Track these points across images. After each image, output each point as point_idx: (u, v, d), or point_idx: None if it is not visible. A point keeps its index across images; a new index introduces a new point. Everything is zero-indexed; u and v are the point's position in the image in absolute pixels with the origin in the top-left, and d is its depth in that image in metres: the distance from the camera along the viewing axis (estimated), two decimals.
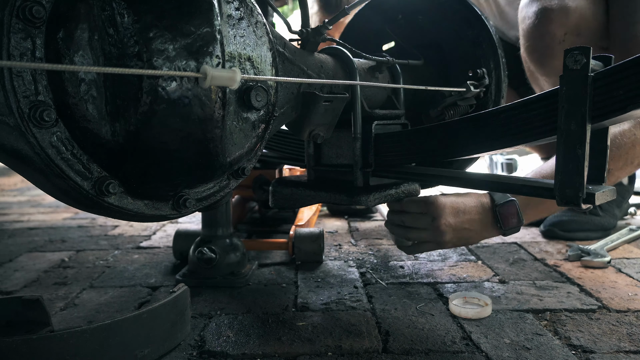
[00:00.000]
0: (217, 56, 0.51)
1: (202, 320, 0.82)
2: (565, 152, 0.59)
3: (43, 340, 0.60)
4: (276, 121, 0.67)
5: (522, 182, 0.68)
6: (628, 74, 0.55)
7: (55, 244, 1.37)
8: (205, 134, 0.52)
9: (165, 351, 0.71)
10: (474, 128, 0.70)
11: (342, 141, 0.86)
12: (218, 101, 0.52)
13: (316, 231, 1.15)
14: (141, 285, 1.01)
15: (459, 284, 0.98)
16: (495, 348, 0.71)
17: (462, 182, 0.76)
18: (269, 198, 0.92)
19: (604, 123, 0.59)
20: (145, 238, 1.41)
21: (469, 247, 1.24)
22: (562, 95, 0.58)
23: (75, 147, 0.47)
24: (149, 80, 0.46)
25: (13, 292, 0.97)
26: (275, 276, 1.04)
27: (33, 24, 0.43)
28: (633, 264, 1.08)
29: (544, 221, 1.36)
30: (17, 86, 0.43)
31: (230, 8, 0.54)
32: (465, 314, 0.81)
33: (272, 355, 0.70)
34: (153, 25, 0.46)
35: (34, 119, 0.44)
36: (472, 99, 0.92)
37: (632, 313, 0.82)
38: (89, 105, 0.46)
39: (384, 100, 0.90)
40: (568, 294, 0.91)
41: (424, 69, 0.98)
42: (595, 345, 0.71)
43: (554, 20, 1.07)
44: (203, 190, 0.59)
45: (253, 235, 1.42)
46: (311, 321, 0.81)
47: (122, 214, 0.53)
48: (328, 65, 0.78)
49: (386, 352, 0.70)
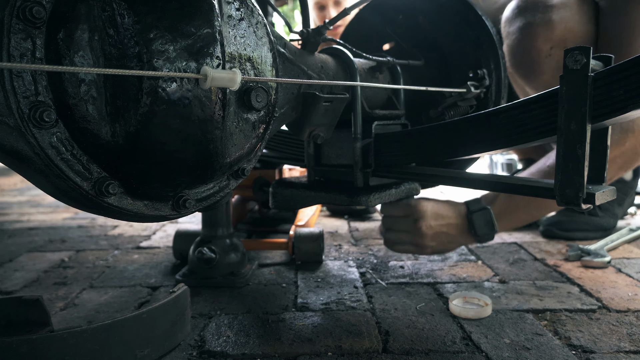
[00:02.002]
0: (217, 57, 0.51)
1: (202, 320, 0.82)
2: (565, 152, 0.59)
3: (43, 340, 0.60)
4: (276, 121, 0.67)
5: (522, 182, 0.68)
6: (628, 74, 0.55)
7: (55, 244, 1.37)
8: (205, 135, 0.52)
9: (165, 351, 0.71)
10: (473, 128, 0.70)
11: (342, 141, 0.86)
12: (218, 102, 0.52)
13: (316, 231, 1.15)
14: (141, 285, 1.01)
15: (459, 284, 0.98)
16: (495, 348, 0.71)
17: (462, 182, 0.76)
18: (270, 199, 0.92)
19: (604, 123, 0.59)
20: (145, 238, 1.41)
21: (469, 247, 1.24)
22: (562, 95, 0.58)
23: (75, 148, 0.47)
24: (149, 81, 0.46)
25: (13, 292, 0.97)
26: (275, 276, 1.04)
27: (33, 25, 0.43)
28: (633, 264, 1.08)
29: (542, 221, 1.36)
30: (17, 86, 0.43)
31: (231, 9, 0.54)
32: (465, 314, 0.81)
33: (272, 355, 0.70)
34: (153, 26, 0.46)
35: (34, 120, 0.44)
36: (472, 99, 0.92)
37: (632, 313, 0.82)
38: (89, 105, 0.46)
39: (384, 101, 0.90)
40: (568, 294, 0.91)
41: (424, 70, 0.98)
42: (595, 345, 0.71)
43: (539, 35, 1.06)
44: (203, 191, 0.59)
45: (253, 235, 1.42)
46: (311, 321, 0.81)
47: (121, 214, 0.53)
48: (328, 65, 0.78)
49: (386, 352, 0.70)
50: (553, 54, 1.07)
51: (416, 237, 0.96)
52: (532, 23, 1.07)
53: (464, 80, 0.94)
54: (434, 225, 0.95)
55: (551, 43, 1.06)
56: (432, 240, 0.96)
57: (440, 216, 0.96)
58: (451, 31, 0.99)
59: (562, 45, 1.06)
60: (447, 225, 0.96)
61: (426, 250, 0.98)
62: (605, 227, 1.33)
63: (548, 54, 1.07)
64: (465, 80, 0.93)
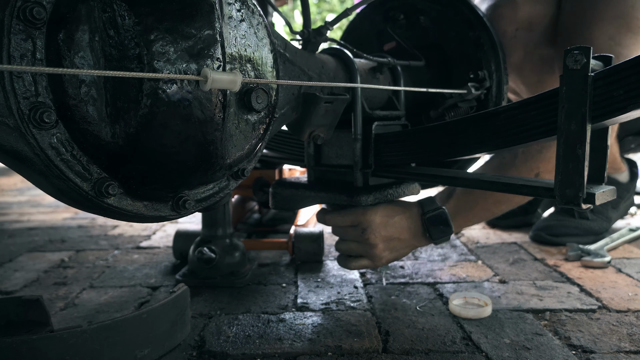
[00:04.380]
0: (217, 59, 0.51)
1: (202, 320, 0.82)
2: (565, 152, 0.59)
3: (43, 340, 0.60)
4: (276, 122, 0.66)
5: (522, 182, 0.68)
6: (628, 74, 0.55)
7: (55, 244, 1.37)
8: (205, 136, 0.52)
9: (165, 351, 0.71)
10: (473, 128, 0.70)
11: (342, 141, 0.86)
12: (218, 104, 0.52)
13: (316, 231, 1.15)
14: (141, 285, 1.01)
15: (459, 284, 0.98)
16: (495, 348, 0.71)
17: (461, 182, 0.77)
18: (270, 200, 0.92)
19: (604, 123, 0.59)
20: (145, 238, 1.41)
21: (469, 247, 1.24)
22: (562, 95, 0.58)
23: (75, 149, 0.47)
24: (150, 83, 0.46)
25: (13, 292, 0.98)
26: (275, 276, 1.05)
27: (34, 25, 0.43)
28: (633, 264, 1.08)
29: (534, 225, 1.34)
30: (17, 87, 0.43)
31: (232, 9, 0.54)
32: (465, 314, 0.81)
33: (272, 355, 0.70)
34: (154, 28, 0.46)
35: (34, 120, 0.44)
36: (472, 100, 0.92)
37: (632, 313, 0.82)
38: (89, 106, 0.46)
39: (384, 101, 0.90)
40: (568, 294, 0.91)
41: (425, 70, 0.98)
42: (595, 345, 0.71)
43: (504, 16, 1.05)
44: (202, 191, 0.59)
45: (253, 235, 1.42)
46: (311, 321, 0.81)
47: (121, 215, 0.53)
48: (329, 66, 0.78)
49: (386, 352, 0.70)
50: (518, 35, 1.06)
51: (367, 248, 0.86)
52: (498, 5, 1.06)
53: (464, 80, 0.94)
54: (384, 235, 0.86)
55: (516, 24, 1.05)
56: (384, 251, 0.87)
57: (391, 223, 0.86)
58: (452, 32, 0.99)
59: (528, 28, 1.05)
60: (399, 230, 0.87)
61: (381, 262, 0.88)
62: (597, 231, 1.29)
63: (513, 35, 1.05)
64: (466, 80, 0.93)
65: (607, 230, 1.32)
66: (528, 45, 1.08)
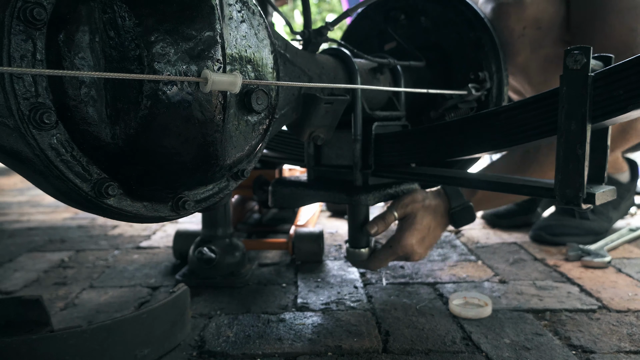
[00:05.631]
0: (218, 60, 0.51)
1: (202, 320, 0.82)
2: (565, 152, 0.59)
3: (43, 340, 0.60)
4: (276, 123, 0.66)
5: (522, 182, 0.68)
6: (628, 73, 0.55)
7: (55, 244, 1.37)
8: (205, 138, 0.52)
9: (165, 351, 0.71)
10: (474, 128, 0.70)
11: (342, 142, 0.86)
12: (218, 105, 0.52)
13: (316, 231, 1.15)
14: (141, 285, 1.01)
15: (459, 284, 0.98)
16: (495, 348, 0.71)
17: (461, 182, 0.77)
18: (269, 198, 0.92)
19: (604, 123, 0.59)
20: (145, 238, 1.41)
21: (469, 247, 1.24)
22: (562, 95, 0.58)
23: (75, 149, 0.47)
24: (150, 84, 0.46)
25: (13, 292, 0.98)
26: (275, 276, 1.05)
27: (34, 26, 0.43)
28: (633, 264, 1.08)
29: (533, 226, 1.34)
30: (17, 88, 0.43)
31: (232, 11, 0.54)
32: (465, 314, 0.81)
33: (272, 355, 0.70)
34: (154, 29, 0.46)
35: (34, 121, 0.44)
36: (473, 101, 0.92)
37: (632, 313, 0.82)
38: (89, 107, 0.46)
39: (384, 102, 0.90)
40: (568, 294, 0.91)
41: (425, 71, 0.98)
42: (595, 345, 0.71)
43: (511, 14, 1.04)
44: (202, 192, 0.59)
45: (253, 235, 1.42)
46: (311, 321, 0.81)
47: (121, 215, 0.53)
48: (329, 66, 0.78)
49: (386, 352, 0.70)
50: (526, 33, 1.05)
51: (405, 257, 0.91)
52: (504, 3, 1.06)
53: (465, 81, 0.94)
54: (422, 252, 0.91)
55: (524, 23, 1.05)
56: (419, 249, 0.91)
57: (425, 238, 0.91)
58: (453, 32, 0.99)
59: (535, 26, 1.05)
60: (428, 229, 0.91)
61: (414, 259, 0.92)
62: (597, 231, 1.29)
63: (521, 33, 1.05)
64: (466, 81, 0.93)
65: (607, 230, 1.32)
66: (535, 44, 1.08)
